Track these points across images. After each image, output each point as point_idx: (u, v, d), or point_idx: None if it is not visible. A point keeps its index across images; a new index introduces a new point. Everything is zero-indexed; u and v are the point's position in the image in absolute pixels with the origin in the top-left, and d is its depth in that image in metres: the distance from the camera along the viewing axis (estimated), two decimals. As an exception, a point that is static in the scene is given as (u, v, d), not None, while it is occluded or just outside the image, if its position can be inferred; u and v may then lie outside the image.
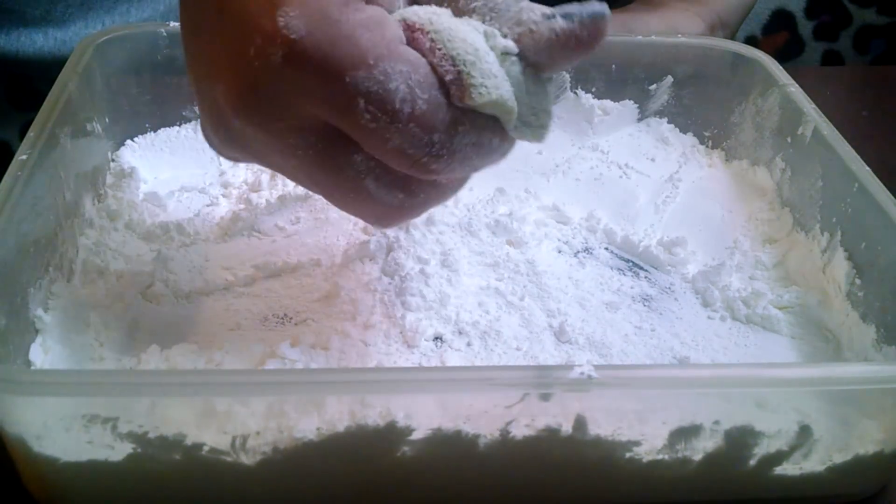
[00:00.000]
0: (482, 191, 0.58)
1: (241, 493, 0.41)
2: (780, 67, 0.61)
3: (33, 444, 0.39)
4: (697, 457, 0.42)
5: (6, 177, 0.45)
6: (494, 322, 0.49)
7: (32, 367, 0.44)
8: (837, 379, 0.41)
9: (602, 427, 0.40)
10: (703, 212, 0.60)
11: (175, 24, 0.60)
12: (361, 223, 0.54)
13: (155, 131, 0.62)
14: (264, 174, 0.59)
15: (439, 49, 0.35)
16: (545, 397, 0.39)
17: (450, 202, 0.56)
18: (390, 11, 0.36)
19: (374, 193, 0.37)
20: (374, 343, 0.47)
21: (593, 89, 0.65)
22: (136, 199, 0.56)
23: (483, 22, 0.36)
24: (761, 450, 0.42)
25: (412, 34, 0.36)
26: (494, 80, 0.35)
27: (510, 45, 0.36)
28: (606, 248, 0.56)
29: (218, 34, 0.36)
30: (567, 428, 0.40)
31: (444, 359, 0.47)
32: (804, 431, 0.41)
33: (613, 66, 0.64)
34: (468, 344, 0.48)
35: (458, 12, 0.37)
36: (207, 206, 0.57)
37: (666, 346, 0.49)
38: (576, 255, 0.55)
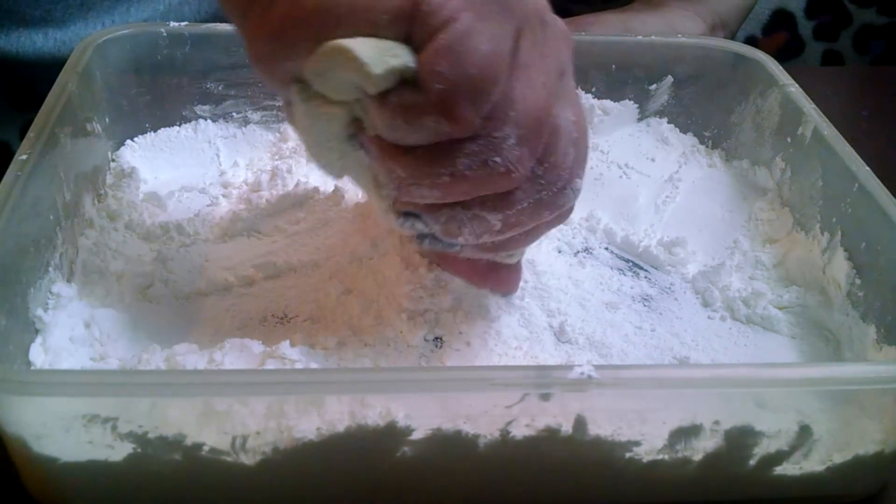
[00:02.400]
0: (482, 191, 0.58)
1: (241, 493, 0.41)
2: (780, 67, 0.61)
3: (33, 444, 0.39)
4: (697, 457, 0.42)
5: (6, 177, 0.45)
6: (494, 322, 0.49)
7: (32, 367, 0.44)
8: (837, 379, 0.41)
9: (602, 427, 0.40)
10: (703, 212, 0.60)
11: (175, 24, 0.60)
12: (360, 223, 0.54)
13: (155, 131, 0.62)
14: (264, 174, 0.59)
15: None
16: (545, 397, 0.39)
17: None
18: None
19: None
20: (374, 343, 0.47)
21: (593, 89, 0.65)
22: (136, 199, 0.56)
23: None
24: (761, 450, 0.42)
25: None
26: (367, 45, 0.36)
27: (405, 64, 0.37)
28: (606, 248, 0.56)
29: None
30: (567, 428, 0.40)
31: (444, 359, 0.47)
32: (804, 431, 0.41)
33: (613, 66, 0.64)
34: (468, 344, 0.48)
35: None
36: (207, 206, 0.57)
37: (666, 346, 0.49)
38: (576, 255, 0.55)
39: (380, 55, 0.36)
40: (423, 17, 0.36)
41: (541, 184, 0.40)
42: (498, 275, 0.47)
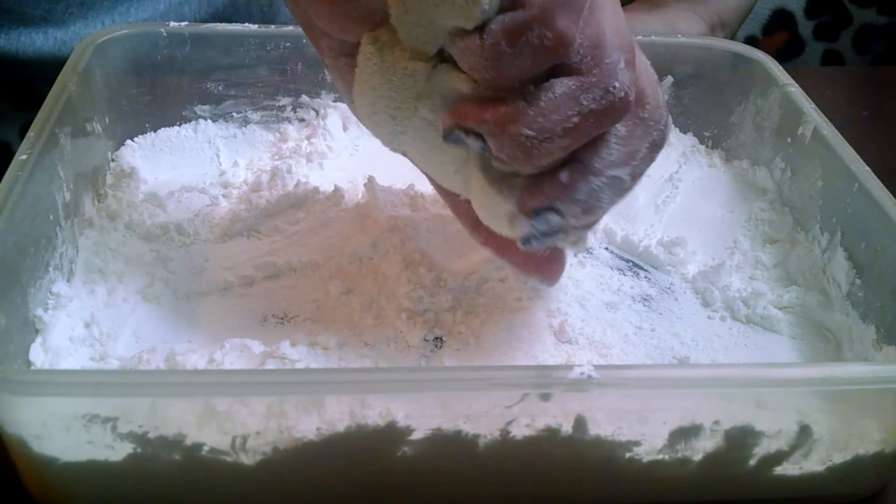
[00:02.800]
0: (482, 191, 0.58)
1: (241, 493, 0.41)
2: (780, 67, 0.61)
3: (33, 444, 0.39)
4: (697, 457, 0.42)
5: (6, 177, 0.45)
6: (494, 322, 0.49)
7: (32, 367, 0.44)
8: (837, 379, 0.41)
9: (602, 427, 0.40)
10: (703, 212, 0.60)
11: (175, 24, 0.60)
12: (360, 223, 0.54)
13: (155, 131, 0.62)
14: (264, 174, 0.59)
15: None
16: (545, 397, 0.39)
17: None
18: None
19: None
20: (374, 343, 0.47)
21: (593, 89, 0.65)
22: (136, 199, 0.56)
23: None
24: (761, 450, 0.42)
25: None
26: None
27: None
28: (606, 248, 0.56)
29: None
30: (567, 428, 0.40)
31: (443, 359, 0.47)
32: (804, 431, 0.41)
33: (613, 66, 0.64)
34: (468, 344, 0.48)
35: None
36: (207, 206, 0.57)
37: (666, 346, 0.49)
38: (576, 255, 0.55)
39: None
40: None
41: (649, 125, 0.41)
42: (550, 265, 0.47)
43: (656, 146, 0.42)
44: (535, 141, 0.38)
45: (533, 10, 0.36)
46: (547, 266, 0.47)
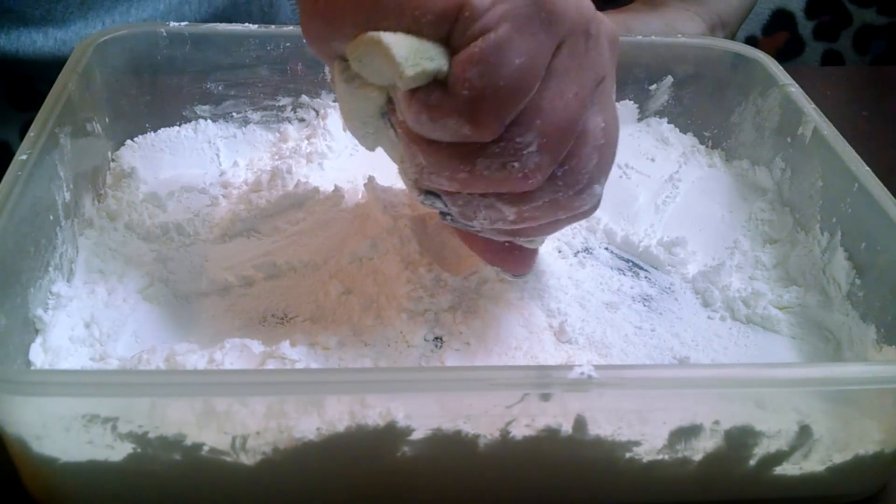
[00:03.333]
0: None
1: (241, 493, 0.41)
2: (780, 67, 0.61)
3: (33, 444, 0.39)
4: (697, 457, 0.42)
5: (6, 177, 0.45)
6: (494, 322, 0.49)
7: (32, 367, 0.44)
8: (837, 379, 0.41)
9: (602, 427, 0.40)
10: (703, 212, 0.60)
11: (175, 24, 0.60)
12: (360, 223, 0.54)
13: (155, 131, 0.62)
14: (264, 174, 0.59)
15: None
16: (545, 397, 0.39)
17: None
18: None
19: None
20: (374, 343, 0.47)
21: (593, 89, 0.65)
22: (136, 199, 0.56)
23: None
24: (761, 450, 0.42)
25: None
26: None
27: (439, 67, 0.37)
28: (606, 249, 0.56)
29: None
30: (567, 428, 0.40)
31: (443, 359, 0.47)
32: (804, 431, 0.41)
33: (613, 65, 0.64)
34: (468, 344, 0.48)
35: None
36: (207, 206, 0.57)
37: (666, 346, 0.49)
38: (576, 255, 0.55)
39: (414, 56, 0.37)
40: (463, 21, 0.37)
41: (559, 185, 0.40)
42: (511, 255, 0.47)
43: (562, 206, 0.41)
44: (426, 169, 0.40)
45: (457, 99, 0.37)
46: (509, 257, 0.47)
